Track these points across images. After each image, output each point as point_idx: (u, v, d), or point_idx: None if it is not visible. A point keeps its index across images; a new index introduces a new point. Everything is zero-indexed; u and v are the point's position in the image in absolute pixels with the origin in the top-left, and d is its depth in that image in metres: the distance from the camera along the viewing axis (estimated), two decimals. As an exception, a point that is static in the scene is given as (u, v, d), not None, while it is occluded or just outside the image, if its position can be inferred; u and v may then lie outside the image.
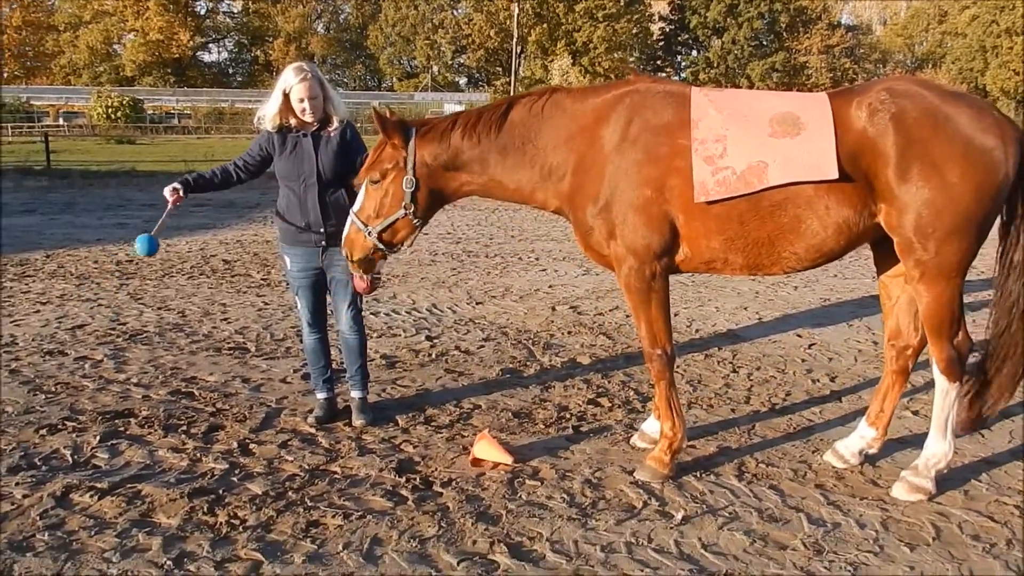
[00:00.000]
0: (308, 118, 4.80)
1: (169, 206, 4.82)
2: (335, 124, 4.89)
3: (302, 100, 4.73)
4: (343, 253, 4.53)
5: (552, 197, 4.42)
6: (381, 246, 4.42)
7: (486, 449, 4.64)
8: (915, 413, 5.47)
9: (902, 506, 4.17)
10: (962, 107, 3.94)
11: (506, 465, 4.57)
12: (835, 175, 3.89)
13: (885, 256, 4.40)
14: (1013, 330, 4.20)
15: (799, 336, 7.45)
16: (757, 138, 4.01)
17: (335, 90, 5.03)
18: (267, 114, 4.84)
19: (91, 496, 4.11)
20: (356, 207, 4.44)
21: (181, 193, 4.78)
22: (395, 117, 4.39)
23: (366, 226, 4.38)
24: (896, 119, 3.89)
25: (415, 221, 4.42)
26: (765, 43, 72.64)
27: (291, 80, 4.73)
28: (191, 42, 74.09)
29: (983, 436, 5.08)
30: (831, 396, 5.85)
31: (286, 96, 4.76)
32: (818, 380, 6.19)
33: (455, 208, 17.14)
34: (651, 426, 4.87)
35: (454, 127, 4.38)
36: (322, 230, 4.87)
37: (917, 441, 4.65)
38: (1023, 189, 4.03)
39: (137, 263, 10.38)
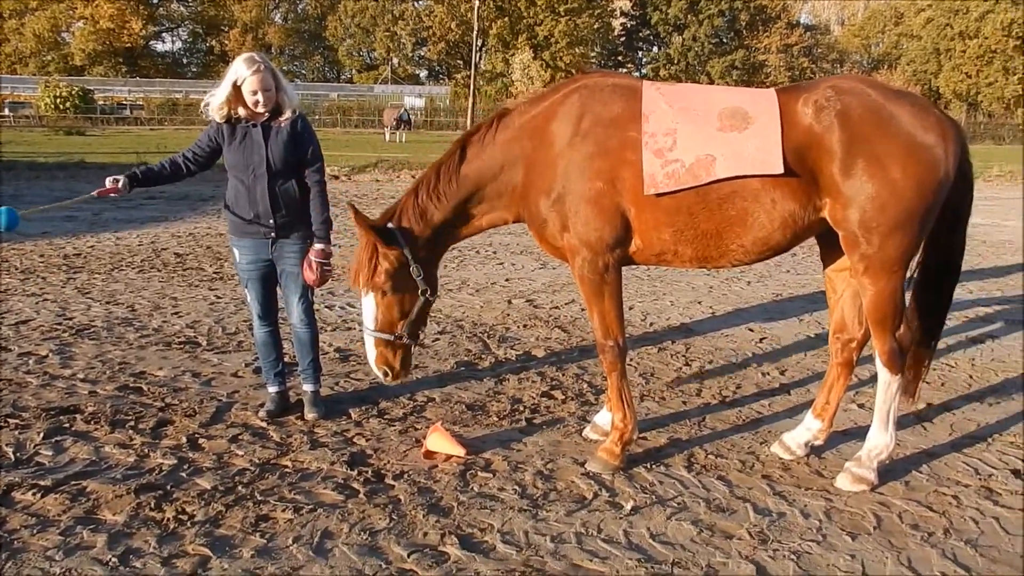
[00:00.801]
0: (260, 110, 4.74)
1: (92, 193, 4.73)
2: (287, 115, 4.84)
3: (255, 92, 4.67)
4: (378, 372, 4.62)
5: (513, 206, 4.52)
6: (411, 340, 4.60)
7: (439, 441, 4.64)
8: (860, 406, 5.57)
9: (845, 496, 4.25)
10: (905, 105, 4.02)
11: (459, 457, 4.58)
12: (780, 170, 3.96)
13: (831, 251, 4.49)
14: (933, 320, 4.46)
15: (751, 330, 7.55)
16: (706, 132, 4.07)
17: (288, 81, 4.98)
18: (215, 103, 4.76)
19: (34, 494, 4.04)
20: (371, 324, 4.51)
21: (120, 185, 4.67)
22: (373, 222, 4.44)
23: (393, 334, 4.50)
24: (841, 116, 3.96)
25: (432, 297, 4.58)
26: (725, 40, 73.17)
27: (243, 72, 4.66)
28: (143, 31, 72.47)
29: (925, 429, 5.20)
30: (780, 389, 5.94)
31: (237, 88, 4.69)
32: (768, 373, 6.28)
33: (413, 202, 17.05)
34: (603, 418, 4.91)
35: (417, 197, 4.48)
36: (271, 221, 4.82)
37: (862, 433, 4.73)
38: (962, 188, 4.14)
39: (85, 257, 10.19)
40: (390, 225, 4.47)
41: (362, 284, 4.45)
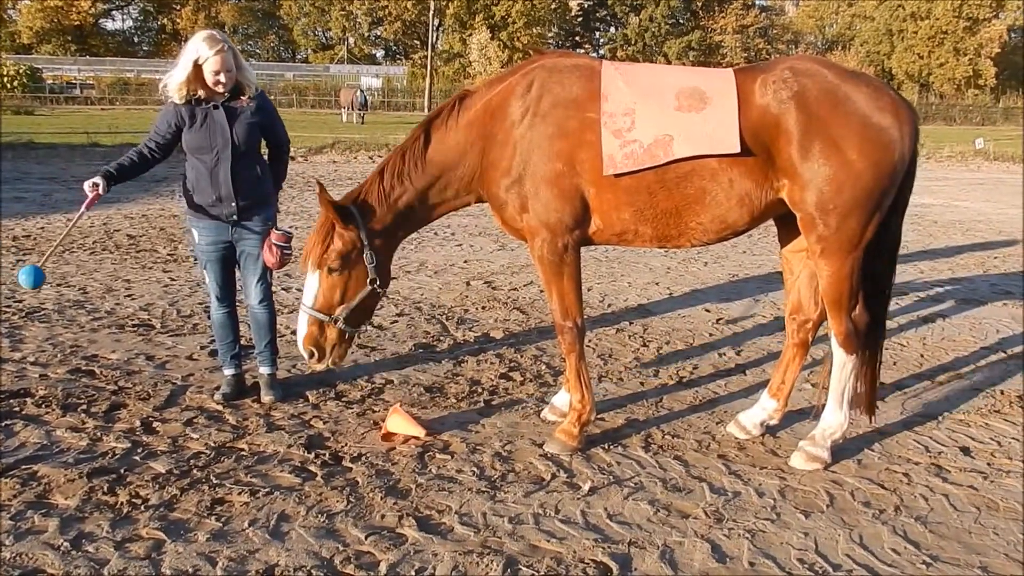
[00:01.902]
0: (221, 90, 4.66)
1: (83, 208, 4.70)
2: (249, 93, 4.77)
3: (217, 73, 4.57)
4: (304, 352, 4.51)
5: (475, 188, 4.48)
6: (349, 328, 4.49)
7: (398, 422, 4.63)
8: (815, 385, 5.65)
9: (799, 475, 4.32)
10: (860, 86, 4.06)
11: (417, 439, 4.57)
12: (737, 149, 3.99)
13: (788, 232, 4.54)
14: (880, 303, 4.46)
15: (707, 311, 7.62)
16: (664, 112, 4.08)
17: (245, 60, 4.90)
18: (173, 84, 4.65)
19: (-18, 479, 3.95)
20: (309, 301, 4.41)
21: (101, 190, 4.58)
22: (334, 200, 4.33)
23: (329, 315, 4.40)
24: (798, 97, 3.99)
25: (380, 291, 4.48)
26: (682, 21, 73.55)
27: (205, 52, 4.54)
28: (93, 8, 70.68)
29: (876, 407, 5.27)
30: (736, 369, 6.01)
31: (197, 67, 4.58)
32: (724, 354, 6.35)
33: (371, 183, 16.92)
34: (561, 399, 4.93)
35: (382, 182, 4.40)
36: (233, 204, 4.75)
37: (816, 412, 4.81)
38: (912, 171, 4.19)
39: (35, 238, 9.96)
40: (351, 207, 4.41)
41: (311, 261, 4.38)
